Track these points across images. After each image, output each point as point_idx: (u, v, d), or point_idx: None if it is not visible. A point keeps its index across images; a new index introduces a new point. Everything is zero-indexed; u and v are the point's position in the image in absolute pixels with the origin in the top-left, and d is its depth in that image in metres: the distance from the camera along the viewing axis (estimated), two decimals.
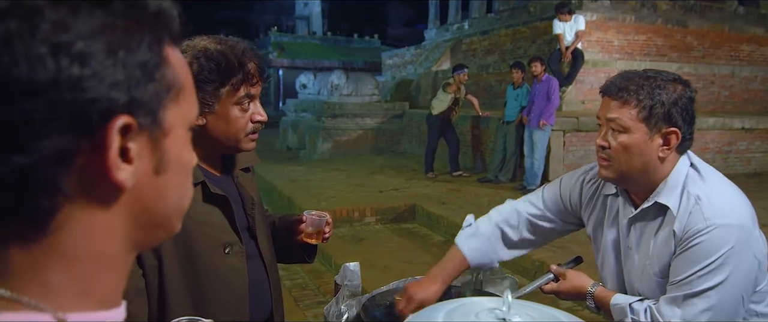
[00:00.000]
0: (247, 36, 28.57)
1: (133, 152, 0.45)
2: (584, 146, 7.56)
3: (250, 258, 1.41)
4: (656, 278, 1.38)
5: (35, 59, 0.39)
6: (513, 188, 7.29)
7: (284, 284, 4.88)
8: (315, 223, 1.58)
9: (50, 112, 0.40)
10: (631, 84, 1.31)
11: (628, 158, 1.32)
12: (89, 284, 0.46)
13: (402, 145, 11.34)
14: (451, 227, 5.82)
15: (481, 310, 0.85)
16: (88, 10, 0.42)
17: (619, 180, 1.39)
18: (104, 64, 0.42)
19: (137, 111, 0.44)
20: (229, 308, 1.36)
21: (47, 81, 0.40)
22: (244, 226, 1.42)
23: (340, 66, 19.37)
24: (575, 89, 9.11)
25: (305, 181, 8.16)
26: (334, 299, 1.42)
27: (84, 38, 0.41)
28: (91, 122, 0.41)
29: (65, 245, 0.44)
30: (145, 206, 0.48)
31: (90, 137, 0.42)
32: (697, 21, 10.86)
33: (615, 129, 1.32)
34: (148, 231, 0.50)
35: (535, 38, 10.67)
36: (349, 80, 11.43)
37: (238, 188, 1.44)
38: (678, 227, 1.31)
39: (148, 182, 0.47)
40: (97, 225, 0.45)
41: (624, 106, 1.31)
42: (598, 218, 1.55)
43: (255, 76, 1.31)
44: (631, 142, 1.31)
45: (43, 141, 0.40)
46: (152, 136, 0.46)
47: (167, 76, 0.47)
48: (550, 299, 4.37)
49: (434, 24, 15.81)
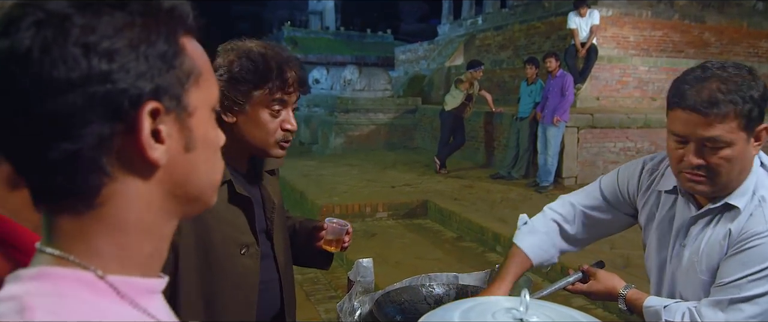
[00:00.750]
0: (261, 31, 28.70)
1: (164, 133, 0.52)
2: (598, 143, 7.49)
3: (264, 259, 1.42)
4: (701, 277, 1.32)
5: (70, 60, 0.46)
6: (526, 184, 7.25)
7: (296, 278, 4.90)
8: (335, 231, 1.57)
9: (88, 103, 0.47)
10: (718, 94, 1.18)
11: (730, 169, 1.24)
12: (129, 250, 0.53)
13: (415, 141, 11.31)
14: (463, 223, 5.81)
15: (498, 309, 0.84)
16: (110, 12, 0.48)
17: (718, 192, 1.29)
18: (129, 58, 0.48)
19: (163, 96, 0.51)
20: (236, 306, 1.36)
21: (82, 77, 0.46)
22: (262, 228, 1.42)
23: (353, 61, 19.31)
24: (590, 85, 9.01)
25: (317, 175, 8.17)
26: (347, 295, 1.42)
27: (109, 37, 0.47)
28: (123, 109, 0.48)
29: (109, 215, 0.52)
30: (179, 180, 0.55)
31: (124, 123, 0.49)
32: (715, 17, 10.69)
33: (715, 146, 1.21)
34: (184, 203, 0.57)
35: (550, 34, 10.58)
36: (362, 75, 11.41)
37: (261, 190, 1.45)
38: (735, 227, 1.26)
39: (180, 158, 0.54)
40: (136, 198, 0.53)
41: (724, 121, 1.18)
42: (650, 212, 1.50)
43: (292, 86, 1.32)
44: (736, 155, 1.22)
45: (85, 129, 0.47)
46: (179, 118, 0.53)
47: (186, 63, 0.54)
48: (563, 297, 4.34)
49: (448, 19, 15.74)
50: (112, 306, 0.51)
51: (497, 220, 5.64)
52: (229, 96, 1.28)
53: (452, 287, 1.69)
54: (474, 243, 5.55)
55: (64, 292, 0.49)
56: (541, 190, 6.87)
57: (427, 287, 1.68)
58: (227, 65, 1.28)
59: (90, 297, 0.50)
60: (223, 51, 1.30)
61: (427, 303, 1.58)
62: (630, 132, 7.69)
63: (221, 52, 1.30)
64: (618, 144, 7.56)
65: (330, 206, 6.17)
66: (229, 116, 1.30)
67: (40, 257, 0.52)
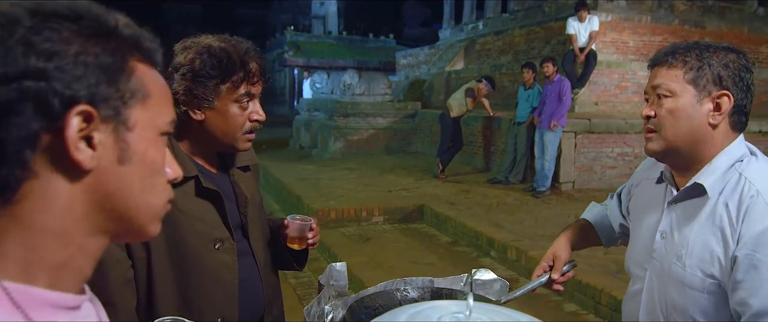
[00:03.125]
0: (264, 35, 28.81)
1: (97, 140, 0.53)
2: (596, 148, 7.48)
3: (242, 256, 1.41)
4: (688, 271, 1.23)
5: (10, 55, 0.49)
6: (523, 189, 7.24)
7: (290, 282, 4.90)
8: (298, 228, 1.54)
9: (20, 96, 0.49)
10: (678, 48, 1.24)
11: (674, 124, 1.22)
12: (37, 254, 0.52)
13: (414, 146, 11.32)
14: (458, 227, 5.80)
15: (444, 313, 0.84)
16: (58, 21, 0.52)
17: (665, 153, 1.27)
18: (66, 61, 0.51)
19: (99, 104, 0.52)
20: (217, 303, 1.36)
21: (18, 72, 0.49)
22: (236, 223, 1.42)
23: (355, 65, 19.39)
24: (588, 90, 9.01)
25: (315, 179, 8.19)
26: (316, 299, 1.41)
27: (51, 41, 0.50)
28: (54, 108, 0.50)
29: (23, 213, 0.51)
30: (107, 191, 0.55)
31: (55, 122, 0.50)
32: (715, 22, 10.69)
33: (661, 95, 1.23)
34: (114, 220, 0.56)
35: (549, 38, 10.59)
36: (362, 80, 11.44)
37: (233, 185, 1.44)
38: (735, 217, 1.18)
39: (112, 169, 0.55)
40: (57, 200, 0.52)
41: (670, 69, 1.23)
42: (635, 205, 1.48)
43: (256, 76, 1.33)
44: (678, 106, 1.21)
45: (14, 120, 0.49)
46: (116, 129, 0.54)
47: (132, 82, 0.56)
48: (553, 303, 4.31)
49: (449, 24, 15.76)
50: (1, 315, 0.49)
51: (492, 225, 5.63)
52: (196, 93, 1.28)
53: (427, 291, 1.69)
54: (469, 248, 5.54)
55: None
56: (538, 195, 6.87)
57: (402, 291, 1.68)
58: (189, 63, 1.27)
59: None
60: (181, 49, 1.30)
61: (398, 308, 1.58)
62: (628, 137, 7.67)
63: (179, 51, 1.29)
64: (616, 149, 7.55)
65: (326, 210, 6.17)
66: (197, 114, 1.30)
67: None
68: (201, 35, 1.33)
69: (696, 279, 1.22)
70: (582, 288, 4.07)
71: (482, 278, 1.75)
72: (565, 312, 4.07)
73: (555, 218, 5.88)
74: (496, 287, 1.72)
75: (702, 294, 1.22)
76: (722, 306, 1.21)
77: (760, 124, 8.37)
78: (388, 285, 1.68)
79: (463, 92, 8.37)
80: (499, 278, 1.76)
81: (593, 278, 3.99)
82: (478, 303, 0.82)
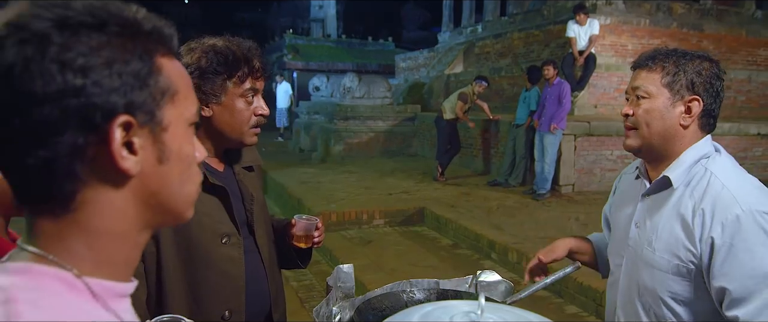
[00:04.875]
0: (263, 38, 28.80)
1: (137, 145, 0.56)
2: (596, 151, 7.51)
3: (248, 253, 1.45)
4: (656, 255, 1.35)
5: (47, 75, 0.51)
6: (522, 192, 7.26)
7: (291, 284, 4.91)
8: (304, 227, 1.60)
9: (62, 115, 0.51)
10: (658, 55, 1.37)
11: (649, 122, 1.36)
12: (103, 254, 0.57)
13: (413, 148, 11.34)
14: (459, 230, 5.82)
15: (456, 313, 0.86)
16: (87, 33, 0.53)
17: (641, 149, 1.40)
18: (102, 75, 0.53)
19: (136, 111, 0.55)
20: (225, 297, 1.40)
21: (57, 91, 0.51)
22: (242, 220, 1.46)
23: (354, 68, 19.39)
24: (588, 93, 9.04)
25: (316, 182, 8.20)
26: (325, 300, 1.43)
27: (84, 55, 0.52)
28: (95, 121, 0.53)
29: (84, 220, 0.56)
30: (152, 190, 0.59)
31: (97, 134, 0.53)
32: (713, 25, 10.72)
33: (640, 96, 1.37)
34: (158, 213, 0.61)
35: (548, 42, 10.62)
36: (362, 83, 11.46)
37: (238, 183, 1.49)
38: (699, 205, 1.29)
39: (153, 170, 0.58)
40: (109, 206, 0.57)
41: (649, 73, 1.36)
42: (616, 200, 1.61)
43: (259, 71, 1.41)
44: (653, 107, 1.35)
45: (59, 138, 0.52)
46: (153, 131, 0.57)
47: (161, 82, 0.58)
48: (555, 305, 4.33)
49: (448, 27, 15.79)
50: (86, 306, 0.55)
51: (493, 227, 5.65)
52: (205, 90, 1.35)
53: (433, 293, 1.71)
54: (469, 250, 5.56)
55: (46, 287, 0.53)
56: (538, 197, 6.89)
57: (408, 292, 1.70)
58: (196, 62, 1.35)
59: (68, 295, 0.54)
60: (187, 50, 1.37)
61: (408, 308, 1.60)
62: None
63: (184, 52, 1.36)
64: (615, 152, 7.57)
65: (327, 213, 6.19)
66: (205, 110, 1.37)
67: (21, 254, 0.56)
68: (204, 37, 1.41)
69: (663, 262, 1.34)
70: (583, 290, 4.09)
71: (487, 280, 1.77)
72: (567, 314, 4.09)
73: (555, 220, 5.90)
74: (501, 289, 1.74)
75: (668, 275, 1.34)
76: (687, 287, 1.33)
77: (758, 127, 8.41)
78: (395, 287, 1.70)
79: (456, 95, 8.40)
80: (504, 280, 1.78)
81: (594, 280, 4.01)
82: (488, 303, 0.84)
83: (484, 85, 8.29)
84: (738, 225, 1.23)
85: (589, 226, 5.36)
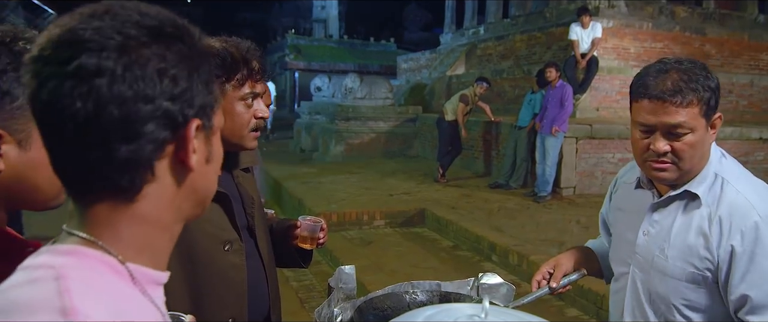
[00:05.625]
0: (265, 38, 28.81)
1: (196, 145, 0.62)
2: (597, 154, 7.50)
3: (249, 257, 1.43)
4: (669, 263, 1.34)
5: (148, 79, 0.56)
6: (524, 194, 7.26)
7: (291, 285, 4.91)
8: (309, 228, 1.60)
9: (153, 114, 0.57)
10: (680, 83, 1.25)
11: (693, 155, 1.30)
12: (148, 242, 0.62)
13: (414, 149, 11.33)
14: (459, 231, 5.81)
15: (460, 316, 0.85)
16: (174, 43, 0.59)
17: (681, 178, 1.34)
18: (187, 83, 0.59)
19: (202, 115, 0.62)
20: (227, 304, 1.38)
21: (155, 94, 0.57)
22: (243, 225, 1.44)
23: (356, 69, 19.38)
24: (590, 96, 9.03)
25: (317, 183, 8.20)
26: (326, 301, 1.43)
27: (174, 65, 0.58)
28: (178, 122, 0.59)
29: (141, 210, 0.60)
30: (195, 186, 0.65)
31: (176, 133, 0.59)
32: (715, 29, 10.72)
33: (680, 132, 1.27)
34: (193, 206, 0.66)
35: (551, 44, 10.61)
36: (363, 84, 11.46)
37: (238, 187, 1.47)
38: (716, 213, 1.28)
39: (202, 168, 0.64)
40: (166, 197, 0.62)
41: (688, 107, 1.25)
42: (617, 208, 1.58)
43: (259, 73, 1.37)
44: (697, 140, 1.28)
45: (148, 135, 0.57)
46: (207, 134, 0.64)
47: (215, 90, 0.65)
48: (555, 308, 4.32)
49: (450, 28, 15.79)
50: (127, 289, 0.59)
51: (494, 229, 5.65)
52: None
53: (436, 295, 1.70)
54: (470, 252, 5.55)
55: (93, 268, 0.58)
56: (539, 200, 6.88)
57: (410, 294, 1.69)
58: None
59: (112, 278, 0.59)
60: None
61: (411, 310, 1.60)
62: (629, 143, 7.67)
63: None
64: (616, 155, 7.57)
65: (327, 214, 6.18)
66: None
67: (70, 238, 0.60)
68: None
69: (677, 270, 1.33)
70: (584, 293, 4.08)
71: (489, 282, 1.76)
72: (567, 317, 4.09)
73: (556, 223, 5.89)
74: (503, 291, 1.73)
75: (681, 282, 1.32)
76: (702, 294, 1.32)
77: (761, 132, 8.40)
78: (396, 288, 1.69)
79: (458, 97, 8.40)
80: (506, 283, 1.77)
81: (595, 283, 4.00)
82: (492, 307, 0.84)
83: (485, 86, 8.32)
84: (757, 232, 1.23)
85: (590, 229, 5.36)
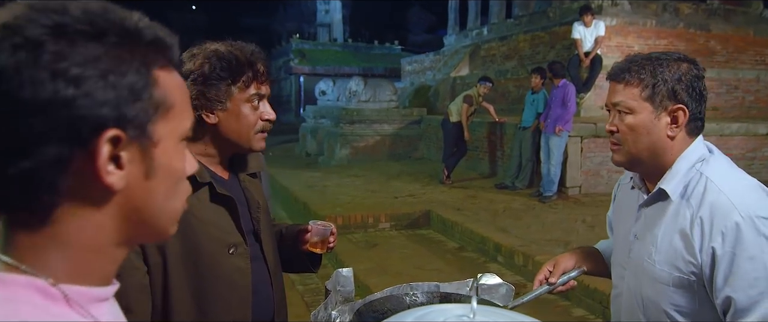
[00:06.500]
0: (269, 43, 28.90)
1: (125, 160, 0.54)
2: (602, 153, 7.47)
3: (254, 260, 1.44)
4: (656, 267, 1.31)
5: (37, 83, 0.48)
6: (529, 194, 7.24)
7: (297, 288, 4.91)
8: (320, 232, 1.61)
9: (49, 125, 0.49)
10: (633, 65, 1.29)
11: (635, 139, 1.30)
12: (79, 267, 0.56)
13: (419, 151, 11.34)
14: (465, 233, 5.81)
15: (449, 316, 0.85)
16: (83, 42, 0.51)
17: (630, 164, 1.36)
18: (95, 86, 0.50)
19: (126, 125, 0.53)
20: (231, 308, 1.38)
21: (46, 100, 0.49)
22: (249, 229, 1.45)
23: (361, 72, 19.44)
24: (594, 95, 9.00)
25: (322, 186, 8.21)
26: (323, 304, 1.43)
27: (79, 65, 0.50)
28: (83, 134, 0.50)
29: (61, 233, 0.54)
30: (135, 205, 0.56)
31: (84, 147, 0.51)
32: (720, 25, 10.65)
33: (621, 111, 1.31)
34: (139, 229, 0.58)
35: (554, 43, 10.59)
36: (367, 87, 11.48)
37: (244, 191, 1.48)
38: (697, 214, 1.24)
39: (139, 185, 0.56)
40: (89, 219, 0.54)
41: (627, 87, 1.29)
42: (616, 210, 1.57)
43: (264, 75, 1.39)
44: (637, 123, 1.29)
45: (43, 148, 0.49)
46: (142, 146, 0.55)
47: (155, 96, 0.55)
48: (561, 308, 4.30)
49: (454, 30, 15.79)
50: (62, 310, 0.54)
51: (499, 230, 5.63)
52: (209, 96, 1.33)
53: (436, 296, 1.70)
54: (476, 253, 5.54)
55: (18, 297, 0.52)
56: (545, 200, 6.86)
57: (410, 295, 1.69)
58: (199, 68, 1.32)
59: (41, 301, 0.53)
60: (189, 57, 1.34)
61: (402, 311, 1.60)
62: None
63: (186, 59, 1.34)
64: None
65: (332, 217, 6.19)
66: (210, 117, 1.34)
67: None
68: (206, 42, 1.38)
69: (664, 274, 1.30)
70: (590, 293, 4.06)
71: (488, 283, 1.76)
72: (574, 317, 4.07)
73: (562, 222, 5.87)
74: (502, 292, 1.73)
75: (669, 287, 1.30)
76: (690, 298, 1.29)
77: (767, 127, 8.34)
78: (394, 290, 1.69)
79: (462, 98, 8.41)
80: (505, 283, 1.77)
81: (602, 283, 3.98)
82: (481, 306, 0.84)
83: (488, 86, 8.32)
84: (738, 233, 1.19)
85: (596, 228, 5.34)
